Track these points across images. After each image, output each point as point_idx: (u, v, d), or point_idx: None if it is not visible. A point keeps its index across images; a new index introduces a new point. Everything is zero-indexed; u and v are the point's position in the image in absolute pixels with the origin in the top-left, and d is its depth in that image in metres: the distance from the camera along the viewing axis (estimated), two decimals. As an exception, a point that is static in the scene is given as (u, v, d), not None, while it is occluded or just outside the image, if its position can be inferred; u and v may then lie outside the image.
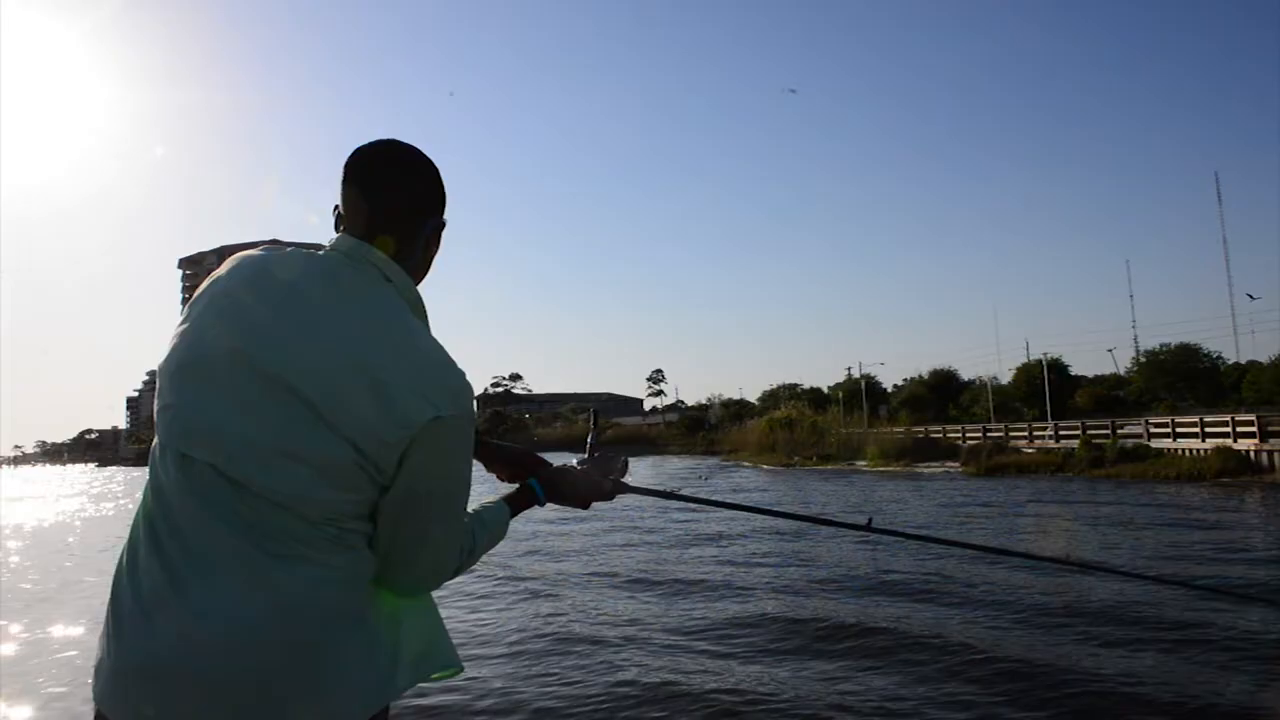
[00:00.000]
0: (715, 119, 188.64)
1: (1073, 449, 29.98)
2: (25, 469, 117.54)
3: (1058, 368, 47.31)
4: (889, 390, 60.86)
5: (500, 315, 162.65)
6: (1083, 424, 32.35)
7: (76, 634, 8.39)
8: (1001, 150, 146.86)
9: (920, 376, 57.67)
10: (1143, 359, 50.25)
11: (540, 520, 18.51)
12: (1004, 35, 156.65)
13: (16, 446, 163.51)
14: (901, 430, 42.00)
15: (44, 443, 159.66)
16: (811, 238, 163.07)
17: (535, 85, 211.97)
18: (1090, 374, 54.75)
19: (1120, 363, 55.61)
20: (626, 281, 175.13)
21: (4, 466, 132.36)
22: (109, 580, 1.28)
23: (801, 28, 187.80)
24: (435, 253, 1.50)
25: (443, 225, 1.50)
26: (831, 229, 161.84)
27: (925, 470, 34.02)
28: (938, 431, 41.02)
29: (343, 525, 1.29)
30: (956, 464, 33.98)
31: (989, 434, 36.63)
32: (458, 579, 1.52)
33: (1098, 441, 29.61)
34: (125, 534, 1.31)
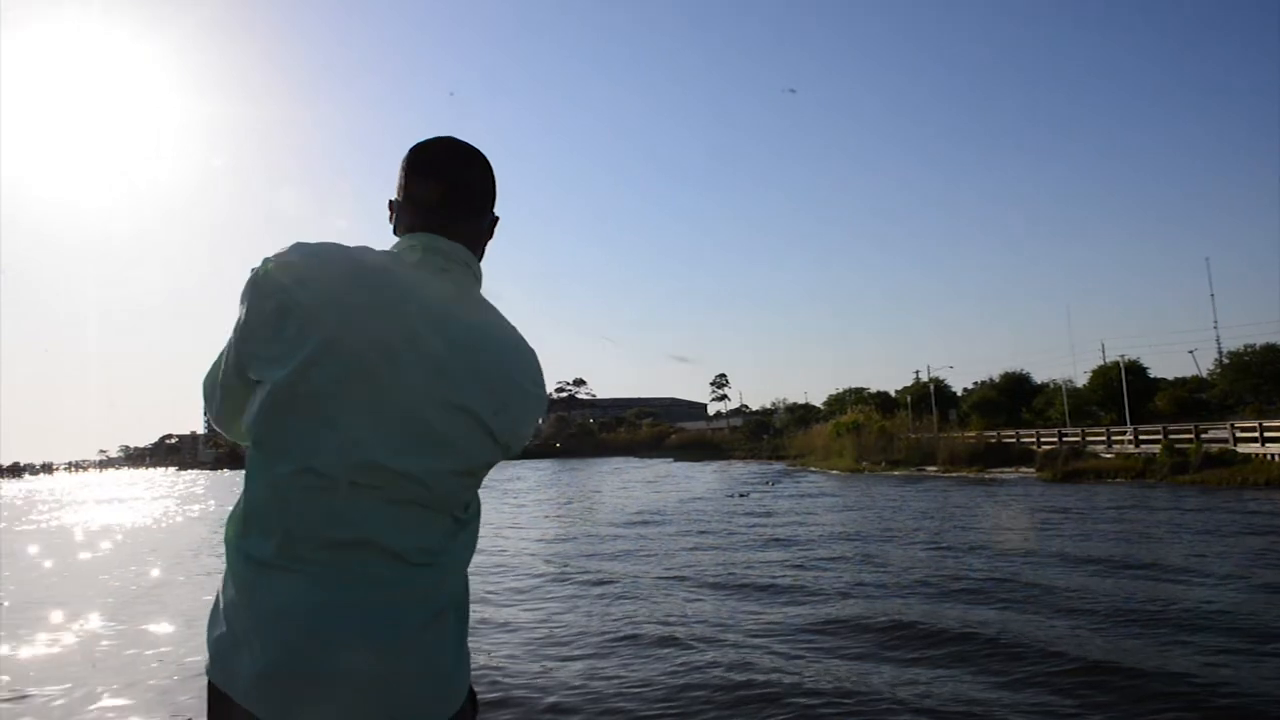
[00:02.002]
0: (775, 121, 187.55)
1: (1154, 454, 28.99)
2: (110, 473, 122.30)
3: (1136, 370, 45.86)
4: (959, 394, 59.76)
5: (564, 320, 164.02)
6: (1164, 428, 31.29)
7: (171, 631, 8.74)
8: (1070, 147, 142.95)
9: (991, 380, 56.52)
10: (1226, 360, 48.39)
11: (614, 525, 18.65)
12: (1072, 32, 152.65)
13: (102, 451, 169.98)
14: (973, 435, 41.15)
15: (127, 448, 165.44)
16: (875, 240, 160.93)
17: (598, 86, 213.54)
18: (1170, 376, 52.98)
19: (1202, 364, 53.66)
20: (688, 286, 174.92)
21: (91, 470, 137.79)
22: (200, 581, 1.33)
23: (887, 35, 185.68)
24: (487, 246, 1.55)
25: (497, 220, 1.54)
26: (895, 231, 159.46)
27: (999, 476, 33.29)
28: (1010, 436, 40.06)
29: (465, 515, 1.38)
30: (1031, 469, 33.15)
31: (1065, 439, 35.69)
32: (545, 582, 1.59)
33: (1180, 446, 28.62)
34: (207, 535, 1.36)
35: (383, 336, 1.28)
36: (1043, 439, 37.22)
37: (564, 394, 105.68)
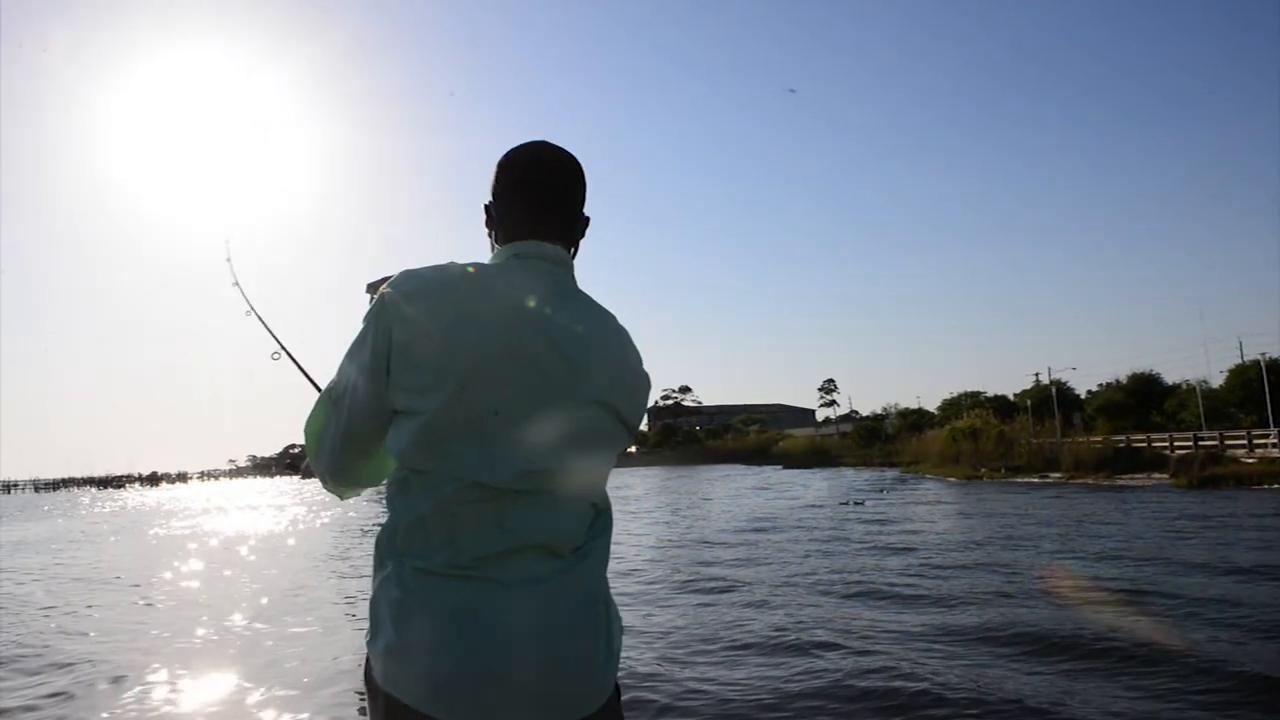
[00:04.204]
0: (873, 118, 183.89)
1: (1302, 458, 27.23)
2: (239, 481, 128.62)
3: (1278, 369, 43.05)
4: (1082, 396, 57.27)
5: (668, 327, 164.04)
6: (1313, 430, 29.36)
7: (313, 632, 9.17)
8: (1203, 131, 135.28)
9: (1118, 381, 53.95)
10: (1378, 355, 44.87)
11: (728, 531, 18.63)
12: (1202, 14, 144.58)
13: (231, 460, 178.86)
14: (1099, 439, 39.36)
15: (254, 457, 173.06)
16: (989, 237, 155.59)
17: (695, 91, 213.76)
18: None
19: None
20: (796, 289, 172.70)
21: (222, 479, 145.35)
22: (336, 584, 1.42)
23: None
24: None
25: (589, 221, 1.56)
26: (1008, 229, 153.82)
27: (1129, 482, 31.73)
28: (1141, 440, 38.07)
29: (602, 504, 1.49)
30: (1164, 475, 31.44)
31: (1201, 443, 33.77)
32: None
33: (1332, 450, 26.77)
34: (338, 540, 1.45)
35: (519, 349, 1.34)
36: (1176, 443, 35.28)
37: (670, 401, 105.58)
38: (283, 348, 2.16)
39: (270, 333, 2.21)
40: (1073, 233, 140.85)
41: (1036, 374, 61.03)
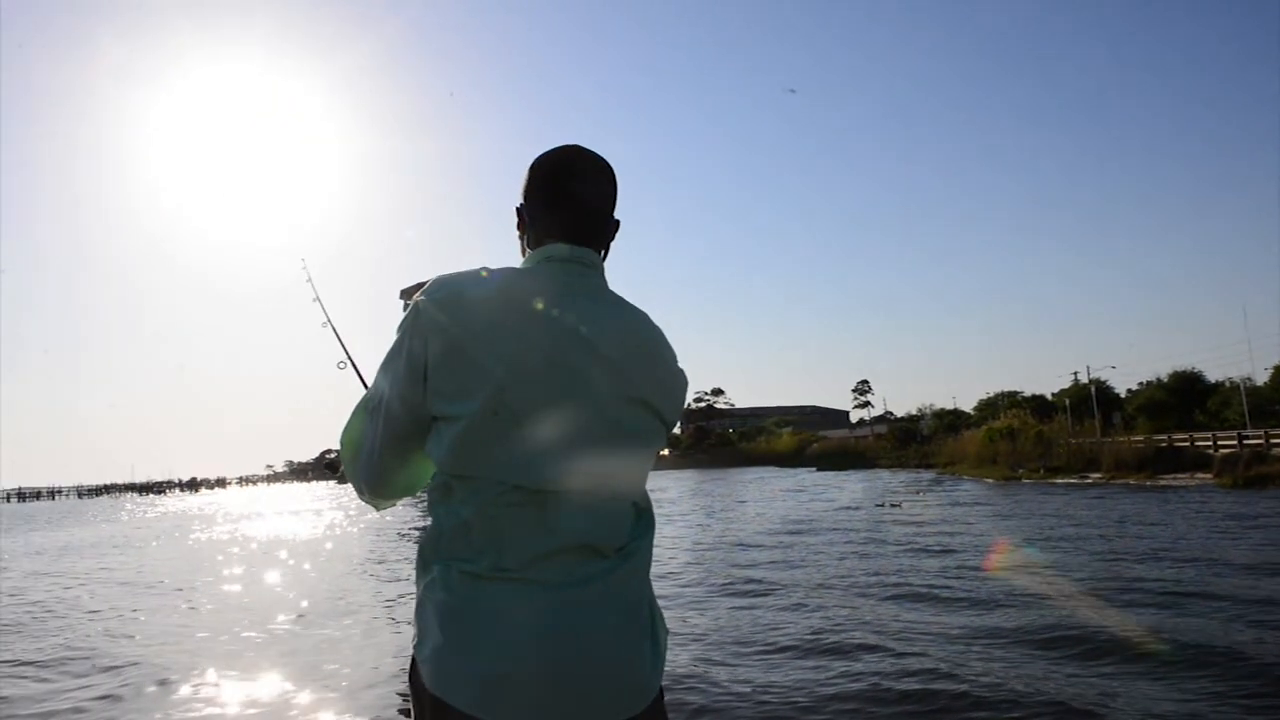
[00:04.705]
0: (898, 116, 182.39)
1: (1351, 457, 26.56)
2: (277, 486, 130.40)
3: (1325, 366, 42.10)
4: (1122, 395, 56.35)
5: (699, 329, 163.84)
6: (1362, 428, 28.61)
7: (353, 635, 9.26)
8: (1239, 130, 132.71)
9: (1159, 380, 53.02)
10: None
11: (764, 534, 18.57)
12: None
13: (268, 466, 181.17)
14: (1141, 439, 38.64)
15: (291, 462, 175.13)
16: (1025, 236, 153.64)
17: (728, 93, 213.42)
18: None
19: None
20: (829, 291, 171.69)
21: (260, 484, 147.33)
22: (378, 588, 1.44)
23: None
24: None
25: (619, 224, 1.56)
26: (1047, 226, 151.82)
27: (1171, 482, 31.16)
28: (1183, 439, 37.33)
29: (644, 502, 1.51)
30: (1208, 475, 30.84)
31: (1245, 441, 33.01)
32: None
33: (1383, 448, 26.09)
34: (376, 544, 1.46)
35: (553, 351, 1.35)
36: (1220, 442, 34.54)
37: (702, 404, 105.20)
38: (349, 359, 2.20)
39: (341, 344, 2.26)
40: (1110, 230, 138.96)
41: (1075, 373, 60.31)
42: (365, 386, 1.98)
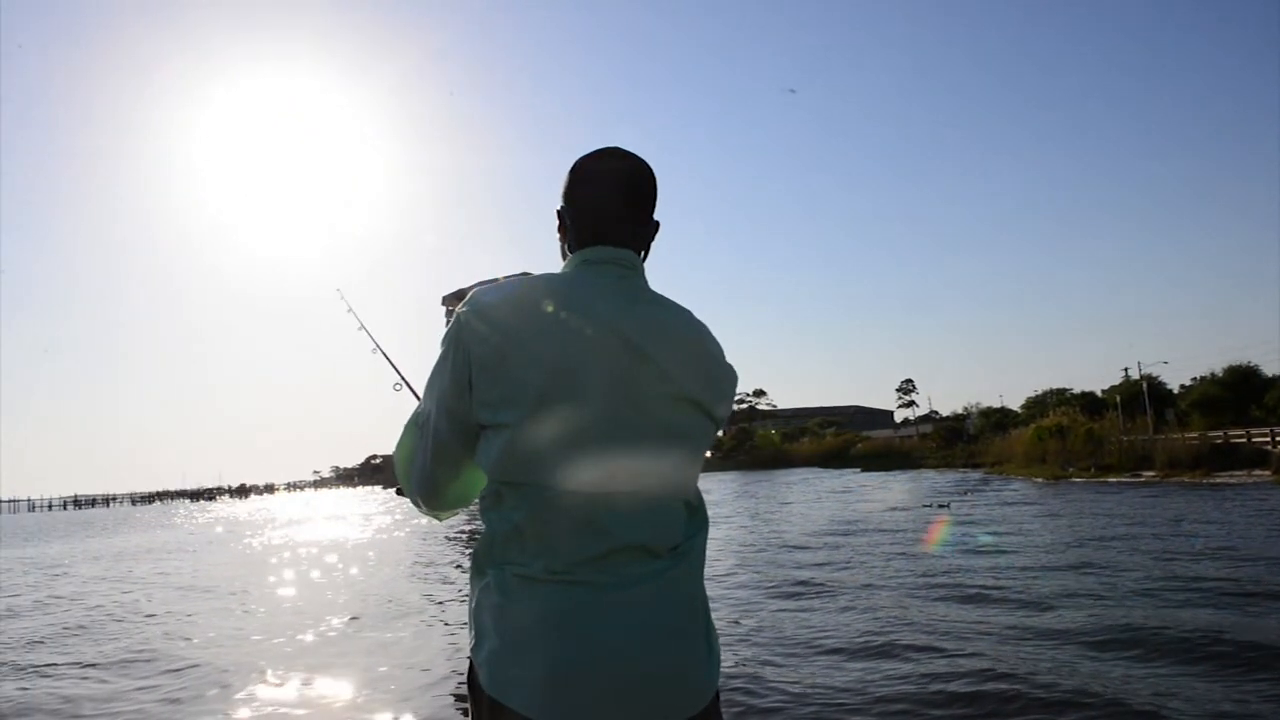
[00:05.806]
0: (931, 116, 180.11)
1: None
2: (324, 492, 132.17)
3: (1389, 358, 40.71)
4: (1175, 391, 55.04)
5: (741, 331, 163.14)
6: None
7: (404, 637, 9.38)
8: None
9: (1213, 375, 51.66)
10: None
11: (811, 534, 18.47)
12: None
13: (315, 471, 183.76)
14: (1195, 436, 37.72)
15: (338, 468, 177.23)
16: (1071, 231, 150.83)
17: (764, 94, 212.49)
18: None
19: None
20: (872, 289, 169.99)
21: (307, 490, 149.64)
22: (430, 590, 1.46)
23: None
24: None
25: (659, 226, 1.55)
26: (1093, 220, 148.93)
27: (1227, 480, 30.39)
28: (1240, 436, 36.35)
29: (696, 500, 1.52)
30: (1266, 472, 30.09)
31: (1305, 437, 32.17)
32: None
33: None
34: (424, 548, 1.48)
35: (598, 353, 1.35)
36: (1279, 438, 33.70)
37: (744, 406, 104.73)
38: (404, 380, 2.22)
39: (394, 368, 2.30)
40: (1159, 223, 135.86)
41: (1125, 369, 58.88)
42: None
